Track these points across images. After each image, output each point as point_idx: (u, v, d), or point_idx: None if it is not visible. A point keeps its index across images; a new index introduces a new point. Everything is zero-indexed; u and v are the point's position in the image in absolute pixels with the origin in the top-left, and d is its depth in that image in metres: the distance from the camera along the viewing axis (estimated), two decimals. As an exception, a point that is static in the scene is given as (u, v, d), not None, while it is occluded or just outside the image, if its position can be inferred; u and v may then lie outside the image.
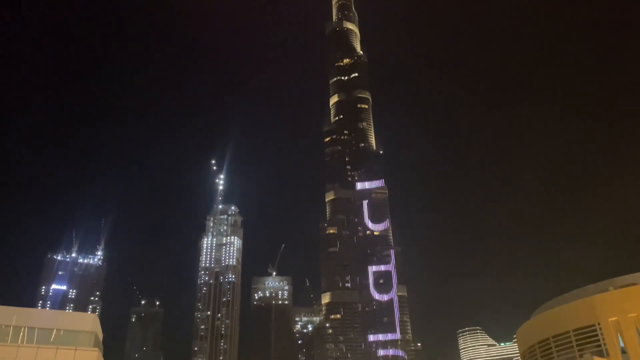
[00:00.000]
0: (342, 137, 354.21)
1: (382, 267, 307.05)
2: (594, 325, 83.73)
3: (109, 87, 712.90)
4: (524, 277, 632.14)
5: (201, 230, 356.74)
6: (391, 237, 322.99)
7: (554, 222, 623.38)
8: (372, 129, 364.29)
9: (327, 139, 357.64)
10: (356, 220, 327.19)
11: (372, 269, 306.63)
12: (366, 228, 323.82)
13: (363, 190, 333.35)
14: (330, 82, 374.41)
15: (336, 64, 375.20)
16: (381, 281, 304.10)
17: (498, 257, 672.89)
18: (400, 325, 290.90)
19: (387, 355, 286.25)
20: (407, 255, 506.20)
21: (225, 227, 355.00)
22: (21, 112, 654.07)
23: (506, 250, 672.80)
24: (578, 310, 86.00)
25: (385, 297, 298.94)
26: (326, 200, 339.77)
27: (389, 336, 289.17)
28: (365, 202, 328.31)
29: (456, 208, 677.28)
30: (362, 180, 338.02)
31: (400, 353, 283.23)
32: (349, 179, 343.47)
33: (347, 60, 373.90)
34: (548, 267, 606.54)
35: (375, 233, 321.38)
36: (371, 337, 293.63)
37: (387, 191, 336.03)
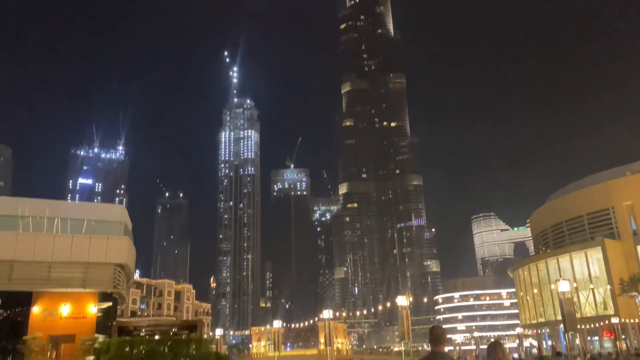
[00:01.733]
0: (359, 24, 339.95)
1: (398, 158, 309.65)
2: (607, 210, 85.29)
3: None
4: (539, 163, 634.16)
5: (218, 124, 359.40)
6: (408, 128, 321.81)
7: (572, 107, 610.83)
8: (390, 14, 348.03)
9: (342, 26, 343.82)
10: (373, 111, 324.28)
11: (387, 159, 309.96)
12: (383, 119, 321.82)
13: (380, 81, 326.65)
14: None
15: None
16: (397, 171, 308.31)
17: (514, 144, 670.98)
18: (415, 213, 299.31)
19: (402, 241, 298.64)
20: (424, 145, 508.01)
21: (242, 121, 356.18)
22: (38, 5, 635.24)
23: (522, 137, 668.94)
24: (593, 195, 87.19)
25: (400, 186, 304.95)
26: (342, 91, 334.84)
27: (405, 223, 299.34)
28: (382, 93, 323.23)
29: (475, 95, 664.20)
30: (379, 69, 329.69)
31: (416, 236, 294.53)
32: (366, 68, 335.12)
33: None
34: (564, 153, 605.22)
35: (392, 124, 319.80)
36: (387, 224, 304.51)
37: (405, 81, 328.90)
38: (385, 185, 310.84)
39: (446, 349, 6.52)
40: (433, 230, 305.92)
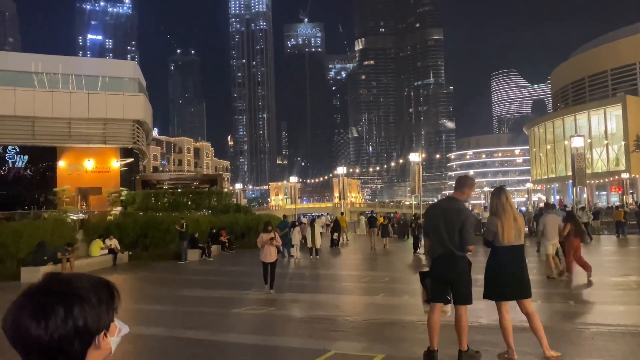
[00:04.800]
0: None
1: (419, 10, 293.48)
2: (634, 64, 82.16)
3: None
4: (563, 18, 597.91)
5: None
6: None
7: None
8: None
9: None
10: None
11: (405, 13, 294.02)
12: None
13: None
14: None
15: None
16: (417, 25, 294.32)
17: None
18: (433, 70, 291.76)
19: (419, 99, 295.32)
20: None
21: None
22: None
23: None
24: (618, 50, 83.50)
25: (419, 41, 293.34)
26: None
27: (422, 81, 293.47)
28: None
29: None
30: None
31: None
32: None
33: None
34: (590, 7, 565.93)
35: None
36: (404, 82, 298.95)
37: None
38: (404, 40, 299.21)
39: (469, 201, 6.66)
40: (451, 87, 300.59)
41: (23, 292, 1.12)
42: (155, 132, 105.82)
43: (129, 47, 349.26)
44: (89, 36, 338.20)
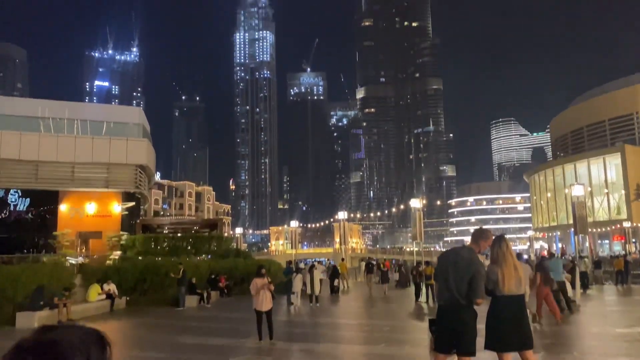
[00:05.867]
0: None
1: (419, 60, 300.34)
2: (631, 114, 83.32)
3: None
4: (562, 68, 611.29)
5: (232, 24, 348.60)
6: (430, 28, 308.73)
7: (598, 9, 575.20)
8: None
9: None
10: (394, 10, 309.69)
11: (407, 62, 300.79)
12: (404, 19, 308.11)
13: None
14: None
15: None
16: (417, 75, 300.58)
17: (537, 47, 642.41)
18: (433, 118, 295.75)
19: (419, 146, 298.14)
20: (445, 46, 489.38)
21: (256, 21, 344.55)
22: None
23: (545, 40, 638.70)
24: (616, 100, 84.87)
25: (419, 90, 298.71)
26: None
27: (422, 129, 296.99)
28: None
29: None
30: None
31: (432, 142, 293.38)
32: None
33: None
34: (588, 58, 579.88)
35: (413, 24, 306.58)
36: (404, 129, 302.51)
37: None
38: (404, 89, 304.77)
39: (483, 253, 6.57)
40: (451, 135, 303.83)
41: (11, 349, 1.12)
42: (157, 177, 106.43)
43: (134, 94, 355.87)
44: (96, 82, 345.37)
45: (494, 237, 6.58)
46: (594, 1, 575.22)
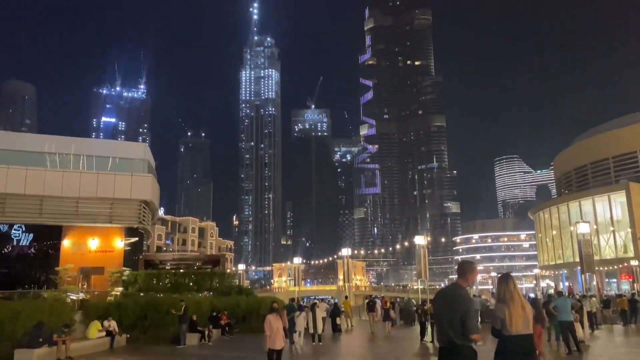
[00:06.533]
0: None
1: (421, 98, 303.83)
2: (634, 152, 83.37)
3: None
4: (565, 106, 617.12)
5: (239, 63, 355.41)
6: (433, 67, 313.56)
7: (600, 48, 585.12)
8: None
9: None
10: (397, 49, 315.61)
11: (410, 100, 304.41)
12: (407, 57, 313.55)
13: (405, 17, 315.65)
14: None
15: None
16: (420, 112, 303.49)
17: (540, 85, 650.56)
18: (436, 154, 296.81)
19: (423, 183, 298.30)
20: (448, 84, 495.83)
21: (262, 60, 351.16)
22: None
23: (548, 78, 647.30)
24: (619, 138, 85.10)
25: (422, 127, 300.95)
26: (365, 28, 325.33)
27: (426, 165, 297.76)
28: (407, 30, 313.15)
29: (501, 33, 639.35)
30: (404, 5, 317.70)
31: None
32: (390, 3, 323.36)
33: None
34: (591, 95, 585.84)
35: (416, 63, 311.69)
36: (408, 166, 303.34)
37: (430, 17, 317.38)
38: (407, 126, 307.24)
39: (474, 287, 6.53)
40: (454, 172, 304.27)
41: None
42: (161, 212, 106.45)
43: (141, 129, 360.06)
44: (103, 119, 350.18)
45: (499, 276, 6.50)
46: (597, 39, 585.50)
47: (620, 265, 75.38)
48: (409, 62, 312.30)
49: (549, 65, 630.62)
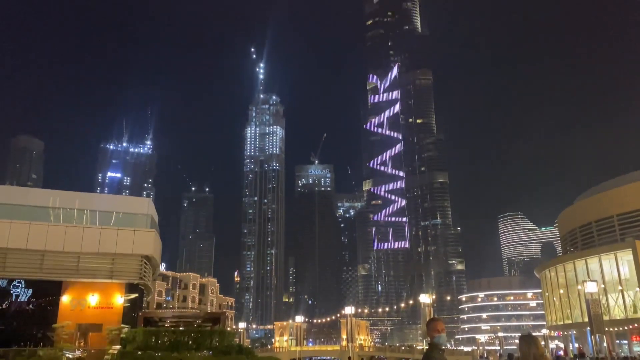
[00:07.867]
0: (385, 19, 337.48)
1: (424, 155, 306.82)
2: (638, 210, 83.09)
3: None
4: (568, 163, 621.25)
5: (244, 120, 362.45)
6: (434, 125, 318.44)
7: (603, 104, 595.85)
8: (418, 10, 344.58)
9: (368, 22, 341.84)
10: (399, 108, 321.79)
11: (414, 157, 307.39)
12: (409, 116, 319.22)
13: (406, 77, 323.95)
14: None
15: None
16: (422, 169, 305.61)
17: (543, 143, 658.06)
18: (440, 211, 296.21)
19: (427, 239, 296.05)
20: (450, 141, 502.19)
21: (267, 117, 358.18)
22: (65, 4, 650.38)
23: (552, 136, 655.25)
24: (624, 195, 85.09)
25: (425, 184, 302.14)
26: (368, 88, 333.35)
27: (429, 221, 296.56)
28: (408, 89, 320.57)
29: (502, 92, 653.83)
30: (405, 66, 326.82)
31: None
32: (392, 65, 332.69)
33: None
34: (594, 153, 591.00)
35: (418, 121, 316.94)
36: (412, 222, 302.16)
37: (431, 77, 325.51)
38: (410, 182, 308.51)
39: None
40: (458, 228, 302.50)
41: None
42: (162, 267, 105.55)
43: (145, 184, 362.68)
44: (109, 174, 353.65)
45: (520, 336, 6.34)
46: (600, 96, 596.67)
47: (631, 326, 73.46)
48: (410, 120, 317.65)
49: (552, 122, 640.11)
